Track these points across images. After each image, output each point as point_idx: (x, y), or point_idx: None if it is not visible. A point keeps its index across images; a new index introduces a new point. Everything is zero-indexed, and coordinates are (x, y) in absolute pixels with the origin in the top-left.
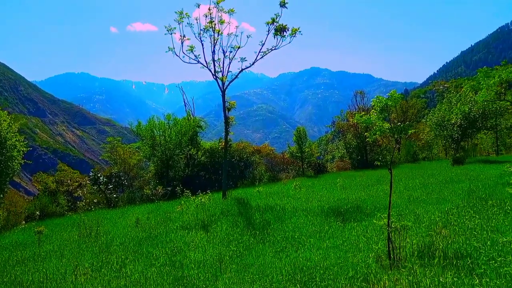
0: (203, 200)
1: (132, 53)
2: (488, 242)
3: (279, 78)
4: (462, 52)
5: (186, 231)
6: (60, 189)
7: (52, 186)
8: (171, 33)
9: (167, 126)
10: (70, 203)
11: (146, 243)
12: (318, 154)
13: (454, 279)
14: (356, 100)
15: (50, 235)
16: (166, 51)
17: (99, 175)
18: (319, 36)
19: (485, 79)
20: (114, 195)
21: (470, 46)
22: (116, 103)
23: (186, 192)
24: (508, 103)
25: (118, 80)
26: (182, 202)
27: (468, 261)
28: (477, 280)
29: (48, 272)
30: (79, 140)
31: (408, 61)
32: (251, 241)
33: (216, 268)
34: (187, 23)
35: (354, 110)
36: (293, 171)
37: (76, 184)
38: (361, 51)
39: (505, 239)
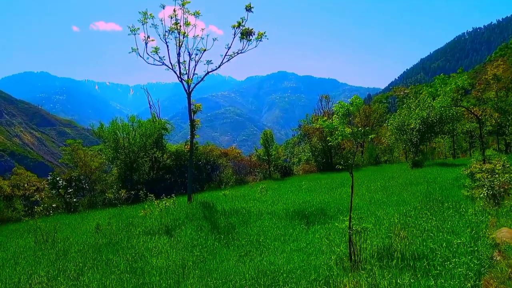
0: (167, 204)
1: (95, 53)
2: (444, 244)
3: (247, 81)
4: (421, 59)
5: (149, 236)
6: (16, 193)
7: (7, 190)
8: (135, 34)
9: (131, 129)
10: (27, 208)
11: (106, 249)
12: (285, 157)
13: (411, 280)
14: (321, 104)
15: (5, 241)
16: (130, 52)
17: (58, 178)
18: (287, 41)
19: (442, 86)
20: (74, 200)
21: (429, 53)
22: (77, 104)
23: (150, 196)
24: (464, 109)
25: (80, 80)
26: (146, 206)
27: (425, 263)
28: (433, 281)
29: (0, 282)
30: (38, 142)
31: (372, 67)
32: (215, 246)
33: (179, 274)
34: (152, 24)
35: (319, 114)
36: (260, 174)
37: (34, 188)
38: (327, 57)
39: (459, 241)
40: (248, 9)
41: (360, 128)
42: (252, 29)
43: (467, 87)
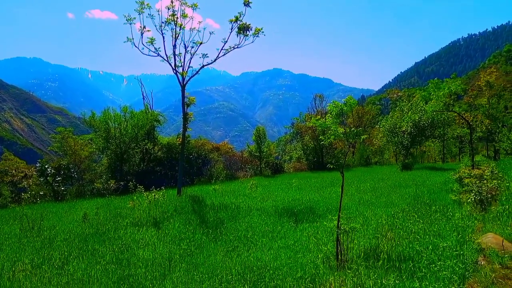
0: (156, 196)
1: (90, 41)
2: (430, 246)
3: (242, 76)
4: (416, 63)
5: (137, 228)
6: (4, 179)
7: None
8: (131, 23)
9: (123, 119)
10: (14, 195)
11: (92, 239)
12: (276, 154)
13: (396, 281)
14: (315, 103)
15: None
16: (125, 41)
17: (47, 166)
18: (283, 38)
19: (436, 90)
20: (62, 188)
21: (423, 58)
22: (70, 92)
23: (139, 187)
24: (455, 114)
25: (73, 68)
26: (135, 197)
27: (410, 264)
28: (418, 283)
29: None
30: (28, 129)
31: (367, 68)
32: (203, 240)
33: (165, 267)
34: (148, 14)
35: (313, 113)
36: (251, 170)
37: (22, 174)
38: (323, 56)
39: (445, 244)
40: (246, 3)
41: (353, 129)
42: (249, 24)
43: (460, 93)
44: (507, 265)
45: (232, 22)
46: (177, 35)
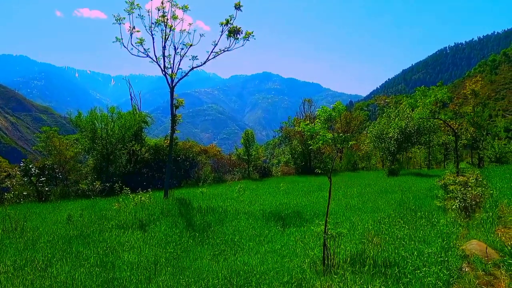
0: (143, 198)
1: (78, 40)
2: (415, 252)
3: (231, 79)
4: (403, 70)
5: (122, 230)
6: None
7: None
8: (120, 23)
9: (110, 119)
10: None
11: (76, 241)
12: (265, 157)
13: (382, 287)
14: (304, 108)
15: None
16: (113, 41)
17: (31, 166)
18: (273, 42)
19: (422, 97)
20: (46, 189)
21: (411, 65)
22: (56, 91)
23: (125, 189)
24: (441, 121)
25: (60, 67)
26: (121, 199)
27: (396, 270)
28: None
29: None
30: (12, 127)
31: (355, 74)
32: (189, 243)
33: (150, 271)
34: (138, 15)
35: (301, 117)
36: (239, 173)
37: (5, 174)
38: (313, 61)
39: (430, 250)
40: (237, 7)
41: (341, 134)
42: (240, 27)
43: (445, 101)
44: (491, 272)
45: (223, 25)
46: (167, 37)
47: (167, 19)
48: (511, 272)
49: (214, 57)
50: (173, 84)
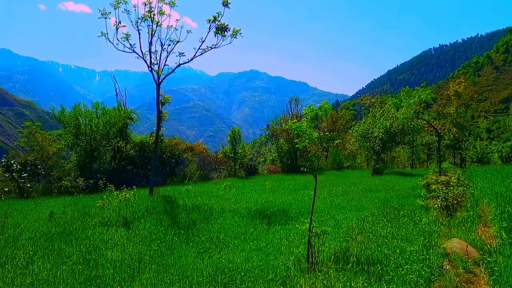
0: (127, 195)
1: (62, 34)
2: (398, 250)
3: (219, 76)
4: (388, 71)
5: (106, 227)
6: None
7: None
8: (106, 18)
9: (95, 115)
10: None
11: (59, 239)
12: (251, 156)
13: (365, 284)
14: (290, 106)
15: None
16: (99, 36)
17: (12, 161)
18: (261, 40)
19: (407, 98)
20: (28, 185)
21: (396, 66)
22: (39, 85)
23: (109, 186)
24: (425, 122)
25: (43, 61)
26: (104, 196)
27: (379, 268)
28: (385, 286)
29: None
30: None
31: (342, 74)
32: (174, 241)
33: (134, 268)
34: (124, 9)
35: (288, 115)
36: (225, 171)
37: None
38: (300, 60)
39: (412, 248)
40: (225, 4)
41: (327, 133)
42: (227, 25)
43: (429, 101)
44: (471, 270)
45: (210, 22)
46: (153, 32)
47: (154, 14)
48: (491, 270)
49: (201, 54)
50: (160, 81)
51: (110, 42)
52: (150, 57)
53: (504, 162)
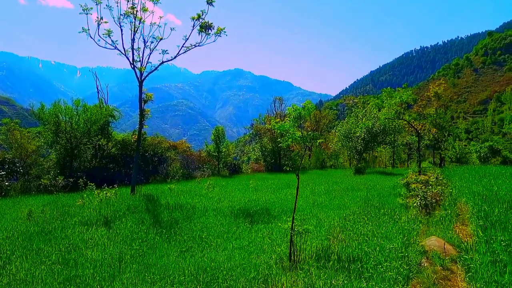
0: (108, 194)
1: (42, 29)
2: (377, 248)
3: (203, 75)
4: (371, 71)
5: (86, 227)
6: None
7: None
8: (87, 13)
9: (75, 113)
10: None
11: (37, 238)
12: (235, 154)
13: (345, 281)
14: (275, 106)
15: None
16: (80, 32)
17: None
18: (246, 39)
19: (388, 98)
20: (6, 183)
21: (378, 67)
22: (18, 81)
23: (90, 185)
24: (405, 122)
25: (23, 57)
26: (85, 195)
27: (359, 265)
28: (365, 284)
29: None
30: None
31: (325, 74)
32: (156, 240)
33: (114, 268)
34: (106, 5)
35: (272, 115)
36: (209, 170)
37: None
38: (284, 59)
39: (391, 246)
40: (210, 2)
41: (310, 132)
42: (211, 23)
43: (410, 102)
44: (448, 267)
45: (194, 20)
46: (136, 29)
47: (137, 11)
48: (467, 267)
49: (185, 51)
50: (142, 78)
51: (92, 38)
52: (133, 54)
53: (482, 162)
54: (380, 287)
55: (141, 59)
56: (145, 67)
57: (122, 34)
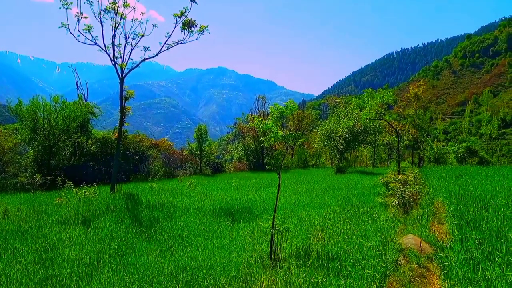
0: (87, 193)
1: (21, 24)
2: (356, 246)
3: (186, 73)
4: (353, 72)
5: (63, 226)
6: None
7: None
8: (67, 8)
9: (54, 109)
10: None
11: (13, 237)
12: (218, 153)
13: (324, 279)
14: (258, 105)
15: None
16: (59, 27)
17: None
18: (229, 37)
19: (369, 99)
20: None
21: (360, 68)
22: None
23: (68, 183)
24: (386, 123)
25: (0, 51)
26: (63, 194)
27: (338, 263)
28: (343, 281)
29: None
30: None
31: (308, 74)
32: (136, 239)
33: (92, 268)
34: (87, 0)
35: (255, 113)
36: (191, 168)
37: None
38: (268, 59)
39: (370, 244)
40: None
41: (292, 132)
42: (194, 20)
43: (391, 103)
44: (424, 264)
45: (177, 17)
46: (117, 25)
47: (118, 6)
48: (442, 265)
49: (168, 49)
50: (123, 75)
51: (71, 33)
52: (114, 50)
53: (459, 162)
54: (357, 285)
55: (122, 56)
56: (126, 64)
57: (102, 30)
